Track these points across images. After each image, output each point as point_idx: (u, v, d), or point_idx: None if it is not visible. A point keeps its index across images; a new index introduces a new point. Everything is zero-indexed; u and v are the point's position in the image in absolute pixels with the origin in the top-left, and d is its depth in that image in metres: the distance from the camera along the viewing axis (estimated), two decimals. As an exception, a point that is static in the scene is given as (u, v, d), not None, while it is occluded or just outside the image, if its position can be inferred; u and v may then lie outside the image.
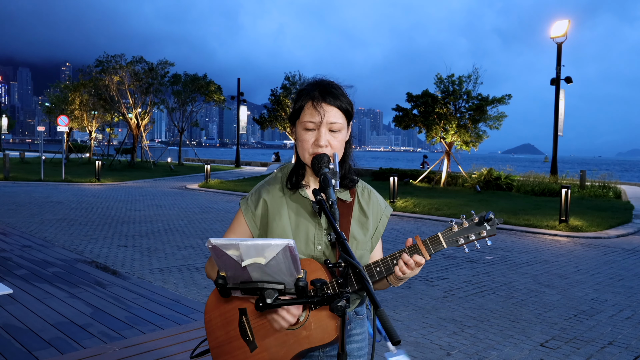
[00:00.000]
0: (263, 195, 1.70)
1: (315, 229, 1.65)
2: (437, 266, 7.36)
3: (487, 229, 1.54)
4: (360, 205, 1.73)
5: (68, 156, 37.97)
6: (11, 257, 7.09)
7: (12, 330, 4.28)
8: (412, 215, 12.88)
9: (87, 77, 34.48)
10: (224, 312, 1.65)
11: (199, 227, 10.31)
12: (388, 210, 1.79)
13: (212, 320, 1.68)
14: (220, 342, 1.65)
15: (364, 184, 1.78)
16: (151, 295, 5.47)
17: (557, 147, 22.23)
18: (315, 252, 1.63)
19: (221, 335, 1.65)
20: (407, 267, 1.53)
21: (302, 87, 1.67)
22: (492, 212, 1.52)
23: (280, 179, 1.73)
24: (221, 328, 1.65)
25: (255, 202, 1.71)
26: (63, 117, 22.57)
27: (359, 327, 1.74)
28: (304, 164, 1.67)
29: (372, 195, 1.77)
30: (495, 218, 1.54)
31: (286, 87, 30.08)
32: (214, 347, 1.67)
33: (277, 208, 1.68)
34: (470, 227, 1.55)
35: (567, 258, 8.24)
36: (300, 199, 1.68)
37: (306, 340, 1.51)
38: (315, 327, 1.51)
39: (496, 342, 4.45)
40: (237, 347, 1.61)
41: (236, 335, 1.61)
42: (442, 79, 20.64)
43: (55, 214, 11.52)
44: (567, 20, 22.32)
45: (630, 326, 4.99)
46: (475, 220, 1.55)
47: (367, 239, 1.71)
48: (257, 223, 1.70)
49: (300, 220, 1.66)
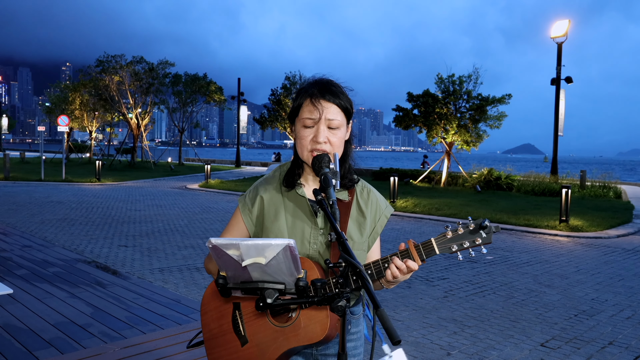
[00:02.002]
0: (260, 193, 1.70)
1: (311, 228, 1.65)
2: (437, 266, 7.36)
3: (483, 236, 1.48)
4: (358, 205, 1.72)
5: (68, 156, 37.99)
6: (11, 257, 7.09)
7: (12, 330, 4.28)
8: (413, 215, 12.88)
9: (87, 77, 34.49)
10: (219, 305, 1.66)
11: (199, 227, 10.31)
12: (388, 210, 1.78)
13: (207, 312, 1.70)
14: (213, 335, 1.68)
15: (364, 184, 1.77)
16: (151, 295, 5.47)
17: (557, 147, 22.24)
18: (311, 251, 1.63)
19: (215, 328, 1.67)
20: (398, 272, 1.51)
21: (301, 85, 1.67)
22: (487, 219, 1.48)
23: (278, 178, 1.73)
24: (215, 321, 1.67)
25: (252, 200, 1.71)
26: (63, 117, 22.58)
27: (354, 326, 1.74)
28: (302, 163, 1.67)
29: (372, 195, 1.76)
30: (491, 225, 1.48)
31: (286, 87, 30.07)
32: (208, 338, 1.69)
33: (274, 206, 1.68)
34: (465, 234, 1.50)
35: (568, 258, 8.24)
36: (297, 198, 1.68)
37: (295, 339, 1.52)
38: (304, 326, 1.51)
39: (496, 342, 4.45)
40: (229, 341, 1.63)
41: (229, 328, 1.63)
42: (443, 79, 20.65)
43: (56, 214, 11.52)
44: (567, 20, 22.33)
45: (631, 326, 4.99)
46: (470, 227, 1.49)
47: (364, 239, 1.70)
48: (253, 221, 1.70)
49: (296, 219, 1.66)
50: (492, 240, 1.50)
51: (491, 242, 1.50)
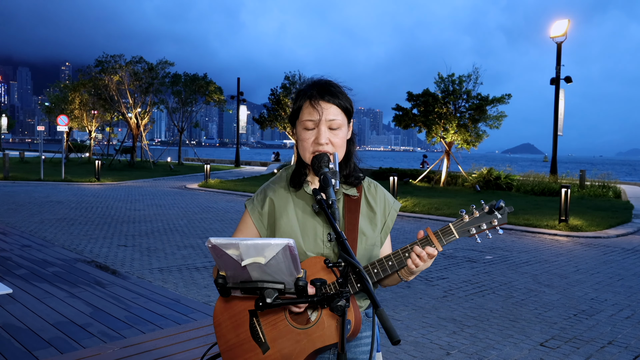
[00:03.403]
0: (269, 194, 1.70)
1: (322, 226, 1.64)
2: (436, 266, 7.36)
3: (498, 217, 1.51)
4: (367, 201, 1.73)
5: (68, 156, 37.95)
6: (11, 256, 7.09)
7: (12, 330, 4.27)
8: (412, 215, 12.89)
9: (86, 77, 34.47)
10: (233, 315, 1.64)
11: (199, 227, 10.31)
12: (397, 205, 1.79)
13: (221, 323, 1.66)
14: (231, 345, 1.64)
15: (370, 180, 1.79)
16: (151, 295, 5.47)
17: (556, 147, 22.26)
18: (325, 250, 1.63)
19: (232, 338, 1.63)
20: (419, 260, 1.52)
21: (300, 87, 1.67)
22: (502, 200, 1.51)
23: (285, 178, 1.73)
24: (231, 331, 1.63)
25: (261, 202, 1.70)
26: (63, 117, 22.58)
27: (368, 329, 1.71)
28: (306, 164, 1.67)
29: (379, 190, 1.77)
30: (505, 207, 1.52)
31: (286, 87, 30.06)
32: (225, 350, 1.66)
33: (283, 206, 1.67)
34: (482, 216, 1.52)
35: (567, 258, 8.24)
36: (305, 196, 1.68)
37: (320, 339, 1.50)
38: (329, 325, 1.50)
39: (496, 342, 4.46)
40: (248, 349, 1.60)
41: (247, 337, 1.60)
42: (443, 79, 20.65)
43: (55, 214, 11.52)
44: (567, 20, 22.34)
45: (630, 326, 4.99)
46: (485, 209, 1.52)
47: (376, 234, 1.70)
48: (264, 222, 1.69)
49: (307, 218, 1.65)
50: (507, 220, 1.54)
51: (506, 222, 1.53)
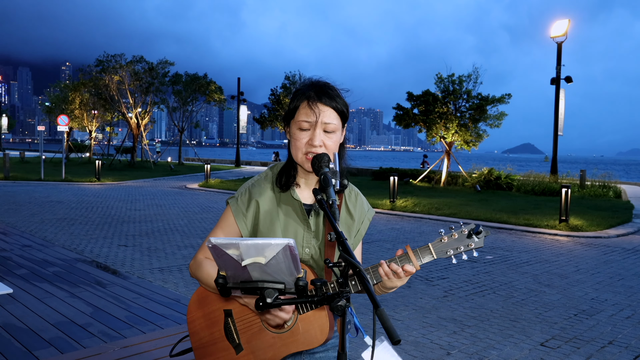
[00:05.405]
0: (255, 196, 1.67)
1: (304, 231, 1.64)
2: (437, 266, 7.36)
3: (476, 241, 1.55)
4: (347, 208, 1.73)
5: (68, 156, 37.97)
6: (11, 256, 7.09)
7: (12, 330, 4.28)
8: (412, 215, 12.88)
9: (87, 77, 34.48)
10: (208, 313, 1.63)
11: (199, 227, 10.31)
12: (371, 212, 1.80)
13: (195, 320, 1.66)
14: (204, 343, 1.63)
15: (352, 187, 1.78)
16: (151, 294, 5.47)
17: (557, 147, 22.25)
18: (303, 255, 1.62)
19: (205, 336, 1.63)
20: (395, 277, 1.52)
21: (298, 87, 1.66)
22: (481, 225, 1.54)
23: (271, 178, 1.71)
24: (205, 329, 1.63)
25: (246, 203, 1.67)
26: (63, 117, 22.58)
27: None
28: (296, 165, 1.66)
29: (359, 198, 1.78)
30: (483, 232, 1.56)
31: (286, 87, 30.08)
32: (198, 347, 1.65)
33: (268, 209, 1.66)
34: (460, 238, 1.56)
35: (567, 257, 8.24)
36: (290, 200, 1.66)
37: (294, 344, 1.51)
38: (303, 331, 1.50)
39: (496, 342, 4.46)
40: (222, 349, 1.60)
41: (221, 336, 1.59)
42: (443, 79, 20.66)
43: (55, 214, 11.52)
44: (567, 20, 22.34)
45: (630, 325, 4.99)
46: (464, 232, 1.55)
47: (351, 242, 1.71)
48: (247, 225, 1.66)
49: (289, 222, 1.64)
50: (484, 244, 1.58)
51: (483, 245, 1.58)
